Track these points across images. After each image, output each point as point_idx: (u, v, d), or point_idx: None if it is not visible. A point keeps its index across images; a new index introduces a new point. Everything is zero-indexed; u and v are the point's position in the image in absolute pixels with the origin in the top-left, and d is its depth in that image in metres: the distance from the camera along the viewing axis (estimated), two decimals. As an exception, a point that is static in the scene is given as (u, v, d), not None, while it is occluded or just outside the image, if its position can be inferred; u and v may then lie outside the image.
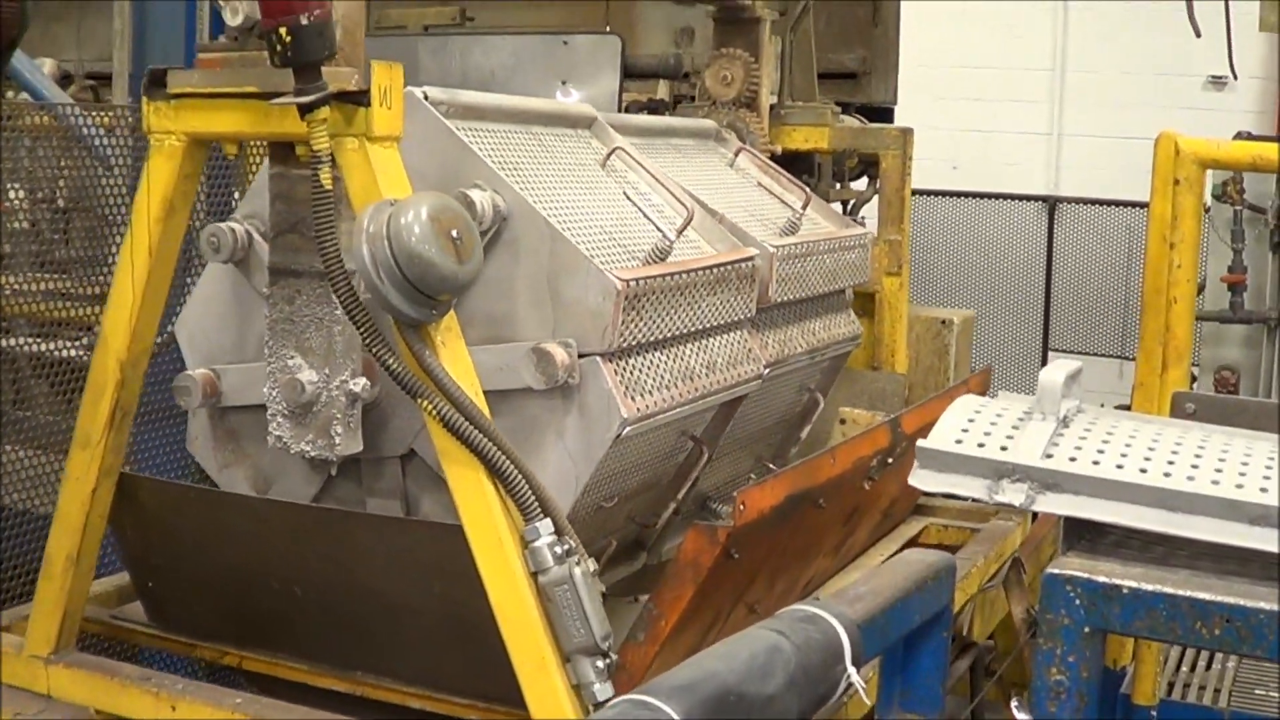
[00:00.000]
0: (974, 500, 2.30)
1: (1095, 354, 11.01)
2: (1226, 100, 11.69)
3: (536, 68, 6.59)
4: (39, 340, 4.47)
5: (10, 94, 5.32)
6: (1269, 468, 2.22)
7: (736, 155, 4.27)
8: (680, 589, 2.95)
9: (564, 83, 6.67)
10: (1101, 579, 2.06)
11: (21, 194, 4.82)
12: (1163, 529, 2.13)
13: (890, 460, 3.62)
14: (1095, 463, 2.19)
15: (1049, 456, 2.20)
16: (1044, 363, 10.99)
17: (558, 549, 2.76)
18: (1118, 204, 11.33)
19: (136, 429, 4.41)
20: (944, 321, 5.02)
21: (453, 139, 3.14)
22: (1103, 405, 7.14)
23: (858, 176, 5.23)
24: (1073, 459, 2.20)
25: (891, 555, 4.16)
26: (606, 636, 2.77)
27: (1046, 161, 12.68)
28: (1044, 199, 12.06)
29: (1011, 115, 12.59)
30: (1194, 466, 2.19)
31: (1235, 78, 10.15)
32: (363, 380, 3.05)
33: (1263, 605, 2.01)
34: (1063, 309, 11.63)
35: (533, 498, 2.77)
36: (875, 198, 5.04)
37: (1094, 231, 11.60)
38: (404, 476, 3.27)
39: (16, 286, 4.36)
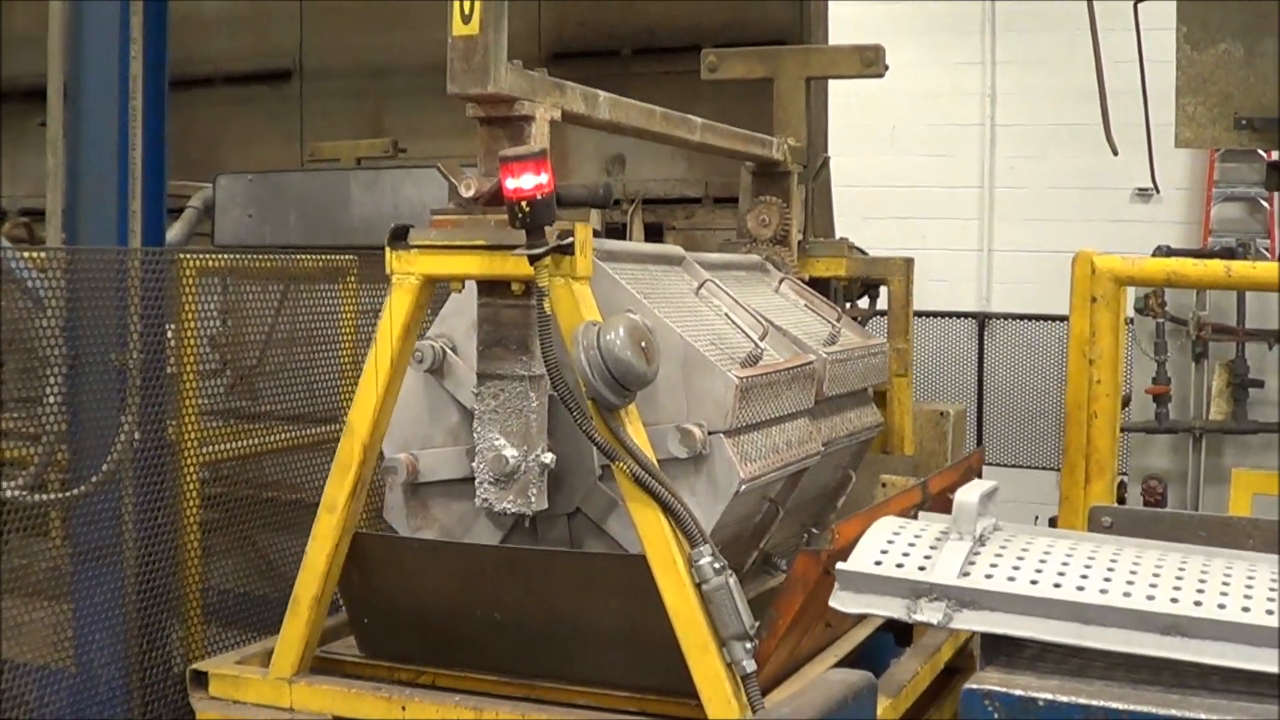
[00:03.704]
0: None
1: (1031, 466, 12.49)
2: (1153, 212, 13.58)
3: None
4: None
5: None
6: (1179, 578, 2.54)
7: (780, 283, 6.13)
8: (793, 598, 4.67)
9: None
10: (1018, 692, 2.36)
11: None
12: (1076, 642, 2.46)
13: (918, 513, 5.42)
14: (1010, 579, 2.53)
15: (965, 575, 2.55)
16: (979, 476, 12.71)
17: (715, 565, 4.46)
18: (1046, 318, 12.90)
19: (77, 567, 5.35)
20: (942, 413, 6.94)
21: (607, 276, 4.90)
22: (1036, 518, 8.79)
23: (860, 297, 7.15)
24: (988, 576, 2.55)
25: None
26: (753, 625, 4.48)
27: (978, 277, 14.59)
28: (973, 315, 13.70)
29: (941, 232, 14.42)
30: (1106, 580, 2.52)
31: (1158, 191, 12.08)
32: (550, 454, 4.77)
33: (1174, 713, 2.31)
34: (997, 423, 13.15)
35: (696, 530, 4.49)
36: (874, 315, 6.95)
37: (1025, 346, 13.07)
38: (569, 529, 5.01)
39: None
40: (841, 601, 2.69)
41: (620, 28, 10.70)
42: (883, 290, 7.26)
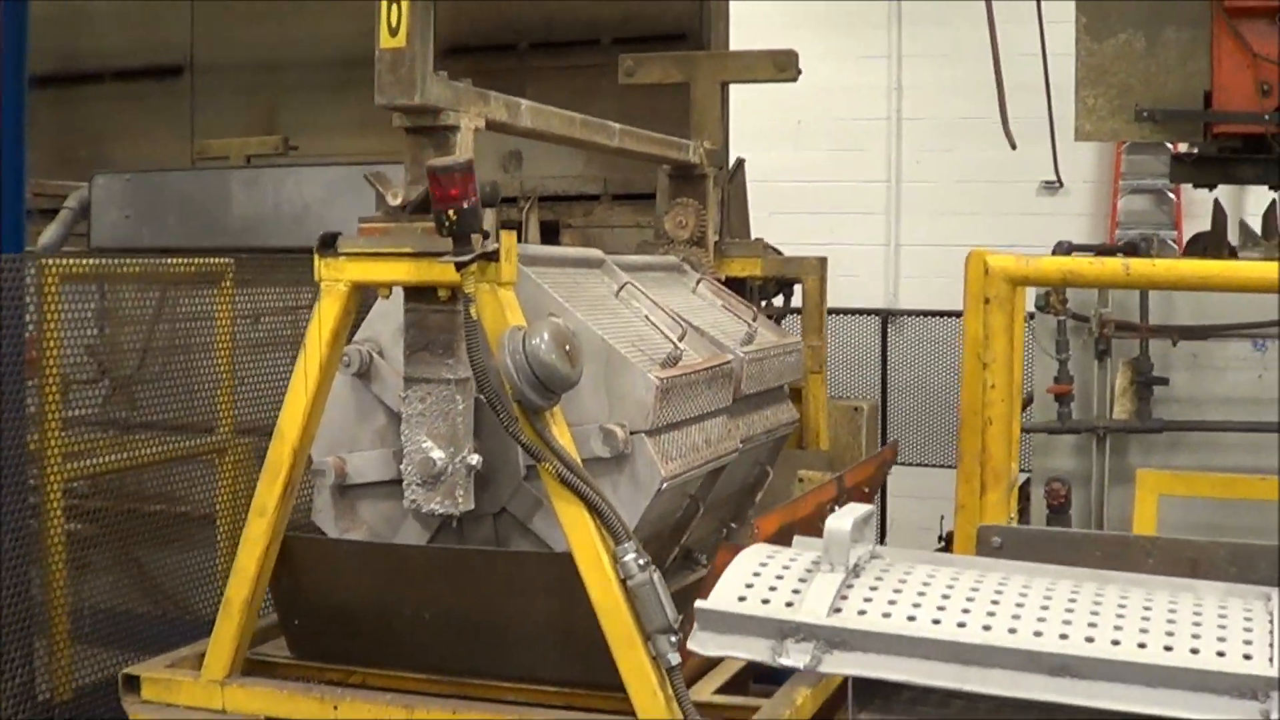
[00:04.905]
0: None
1: (935, 465, 12.71)
2: (1061, 205, 14.02)
3: (352, 198, 7.83)
4: None
5: None
6: (1070, 611, 2.41)
7: (698, 284, 6.49)
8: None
9: None
10: (889, 743, 2.19)
11: None
12: (956, 685, 2.35)
13: (835, 506, 5.81)
14: (886, 615, 2.41)
15: (837, 611, 2.43)
16: (890, 469, 12.94)
17: (639, 561, 4.78)
18: (947, 314, 13.02)
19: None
20: (856, 408, 7.36)
21: (530, 280, 5.21)
22: (943, 518, 8.98)
23: (775, 294, 7.57)
24: (861, 612, 2.42)
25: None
26: (677, 618, 4.82)
27: (885, 272, 15.03)
28: (877, 312, 13.84)
29: (849, 227, 14.80)
30: (990, 614, 2.40)
31: (1061, 184, 12.45)
32: (477, 456, 5.09)
33: (1060, 762, 2.15)
34: (901, 420, 13.25)
35: (620, 528, 4.82)
36: (789, 314, 7.36)
37: (929, 342, 13.37)
38: (495, 528, 5.33)
39: None
40: (701, 643, 2.55)
41: (518, 21, 10.95)
42: (797, 287, 7.65)
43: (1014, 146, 7.74)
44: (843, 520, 2.62)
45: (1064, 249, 7.40)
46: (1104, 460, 7.48)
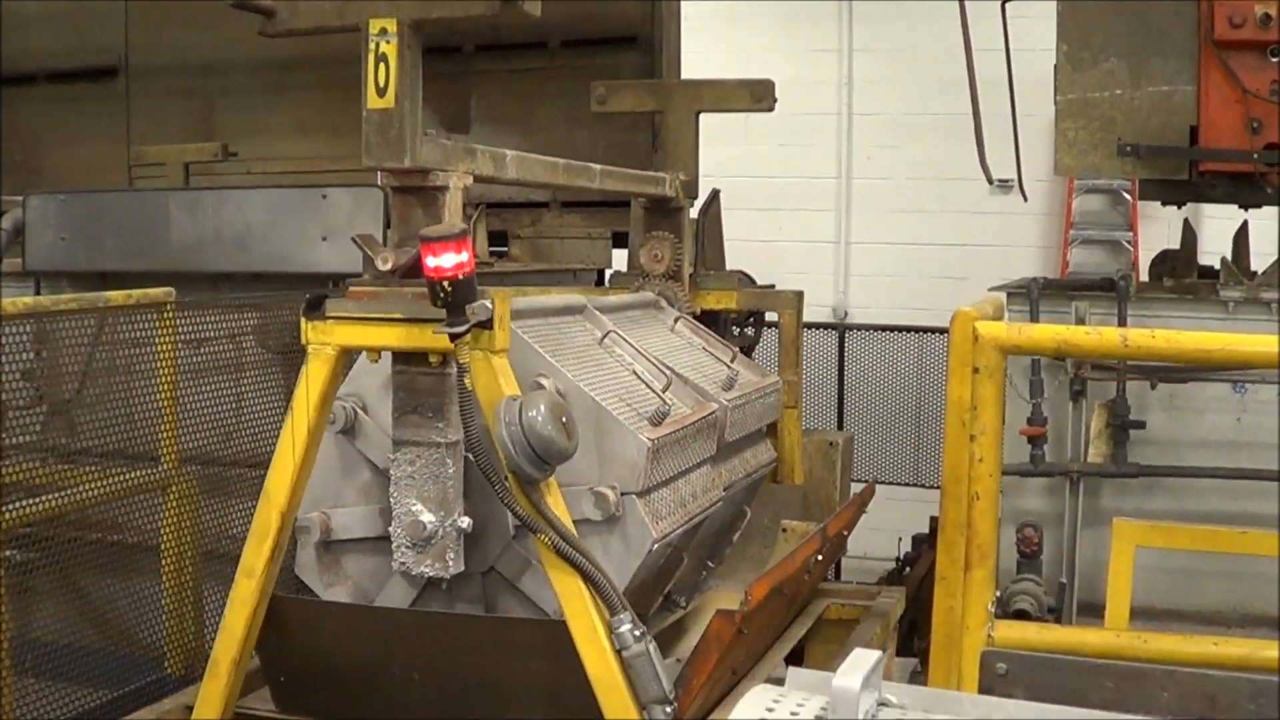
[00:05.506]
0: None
1: (891, 482, 12.53)
2: (1014, 203, 13.56)
3: (296, 222, 8.10)
4: None
5: None
6: None
7: (676, 321, 6.52)
8: (708, 657, 5.06)
9: (325, 239, 7.98)
10: None
11: None
12: None
13: (819, 557, 5.88)
14: None
15: None
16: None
17: (635, 632, 4.81)
18: (906, 329, 13.07)
19: None
20: (831, 442, 7.43)
21: (518, 338, 5.19)
22: (900, 539, 8.95)
23: (745, 321, 7.65)
24: None
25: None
26: (672, 689, 4.87)
27: (835, 270, 15.08)
28: (834, 327, 13.75)
29: (797, 224, 14.88)
30: None
31: (1025, 199, 12.43)
32: (467, 519, 5.10)
33: None
34: (855, 435, 13.43)
35: (616, 599, 4.85)
36: (764, 327, 7.50)
37: (882, 356, 13.28)
38: (483, 587, 5.36)
39: None
40: None
41: (462, 21, 10.78)
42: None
43: (991, 181, 7.69)
44: (851, 678, 2.32)
45: (1038, 285, 7.37)
46: (1077, 503, 7.39)
